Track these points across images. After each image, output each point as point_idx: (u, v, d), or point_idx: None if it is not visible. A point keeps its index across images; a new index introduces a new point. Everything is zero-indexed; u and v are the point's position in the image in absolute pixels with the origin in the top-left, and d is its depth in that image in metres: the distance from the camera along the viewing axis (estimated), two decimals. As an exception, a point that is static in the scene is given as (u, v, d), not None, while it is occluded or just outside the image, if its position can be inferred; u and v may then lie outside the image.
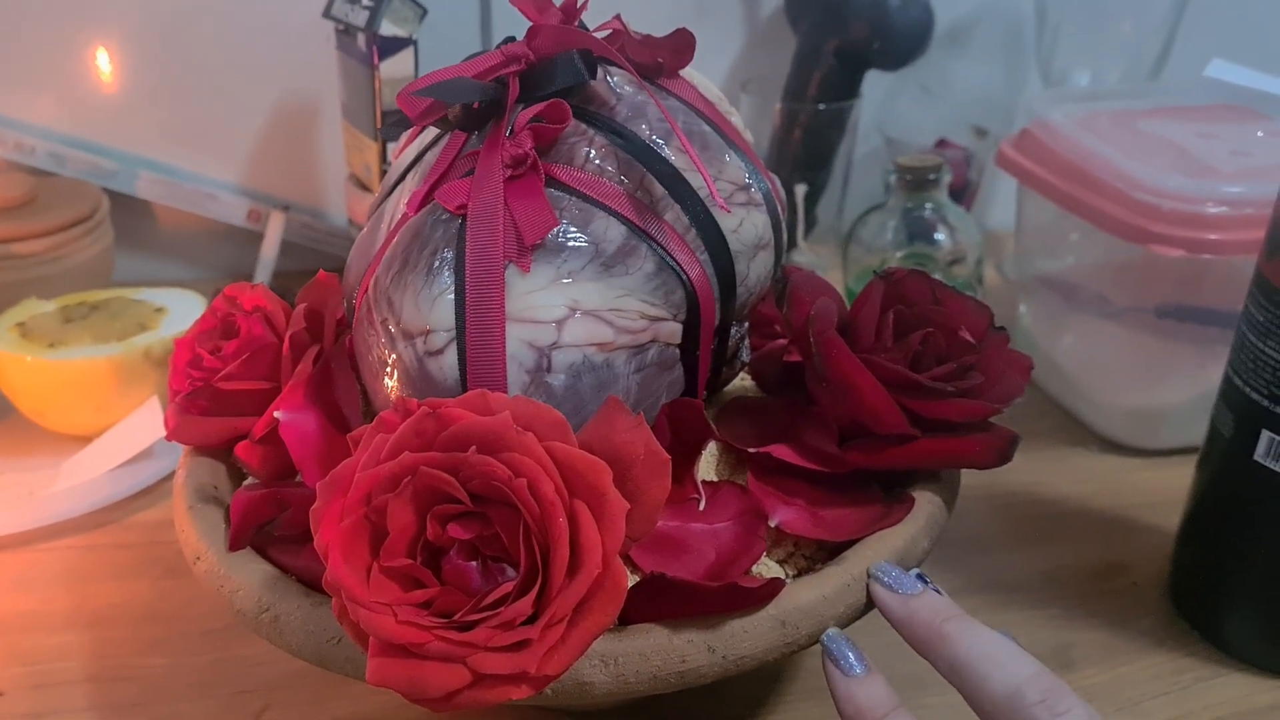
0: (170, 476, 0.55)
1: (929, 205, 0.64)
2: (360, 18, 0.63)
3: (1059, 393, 0.62)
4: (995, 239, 0.80)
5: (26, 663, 0.44)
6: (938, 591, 0.33)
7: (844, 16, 0.71)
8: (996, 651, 0.31)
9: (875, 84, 0.76)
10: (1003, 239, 0.79)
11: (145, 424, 0.54)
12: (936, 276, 0.63)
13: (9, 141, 0.70)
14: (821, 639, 0.33)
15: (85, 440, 0.55)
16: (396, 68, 0.63)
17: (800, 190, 0.73)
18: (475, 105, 0.36)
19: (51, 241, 0.64)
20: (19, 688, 0.42)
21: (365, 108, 0.65)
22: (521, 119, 0.35)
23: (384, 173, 0.66)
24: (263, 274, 0.72)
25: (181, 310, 0.59)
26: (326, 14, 0.66)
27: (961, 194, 0.78)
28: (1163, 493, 0.53)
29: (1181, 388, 0.56)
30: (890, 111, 0.81)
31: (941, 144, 0.79)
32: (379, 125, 0.64)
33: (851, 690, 0.31)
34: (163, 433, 0.48)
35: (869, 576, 0.34)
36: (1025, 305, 0.65)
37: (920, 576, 0.34)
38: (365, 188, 0.68)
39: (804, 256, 0.75)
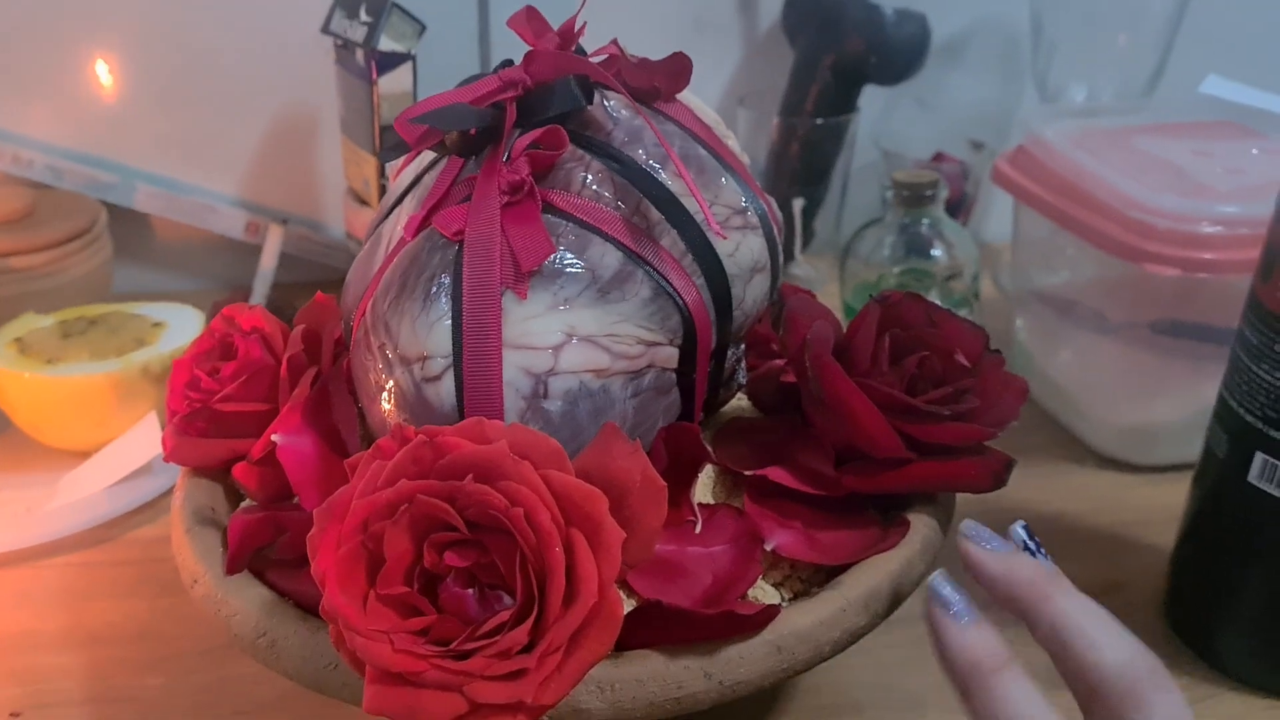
0: (168, 493, 0.55)
1: (926, 221, 0.64)
2: (359, 33, 0.63)
3: (1054, 408, 0.62)
4: (992, 251, 0.80)
5: (25, 683, 0.44)
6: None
7: (841, 32, 0.71)
8: (1104, 619, 0.30)
9: (872, 98, 0.77)
10: (999, 250, 0.80)
11: (143, 440, 0.54)
12: (933, 292, 0.64)
13: (7, 155, 0.70)
14: (929, 583, 0.31)
15: (83, 456, 0.56)
16: (395, 83, 0.63)
17: (798, 204, 0.74)
18: (472, 131, 0.36)
19: (50, 255, 0.64)
20: (17, 708, 0.42)
21: (364, 122, 0.65)
22: (519, 145, 0.36)
23: (382, 187, 0.66)
24: (261, 287, 0.72)
25: (179, 325, 0.59)
26: (325, 29, 0.66)
27: (958, 207, 0.78)
28: (1158, 509, 0.53)
29: (1177, 404, 0.56)
30: (887, 125, 0.82)
31: (938, 157, 0.79)
32: (377, 140, 0.64)
33: (964, 640, 0.30)
34: (160, 449, 0.48)
35: (959, 535, 0.32)
36: (1021, 320, 0.65)
37: (1029, 534, 0.32)
38: (363, 202, 0.68)
39: (801, 270, 0.76)
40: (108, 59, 0.71)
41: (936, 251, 0.64)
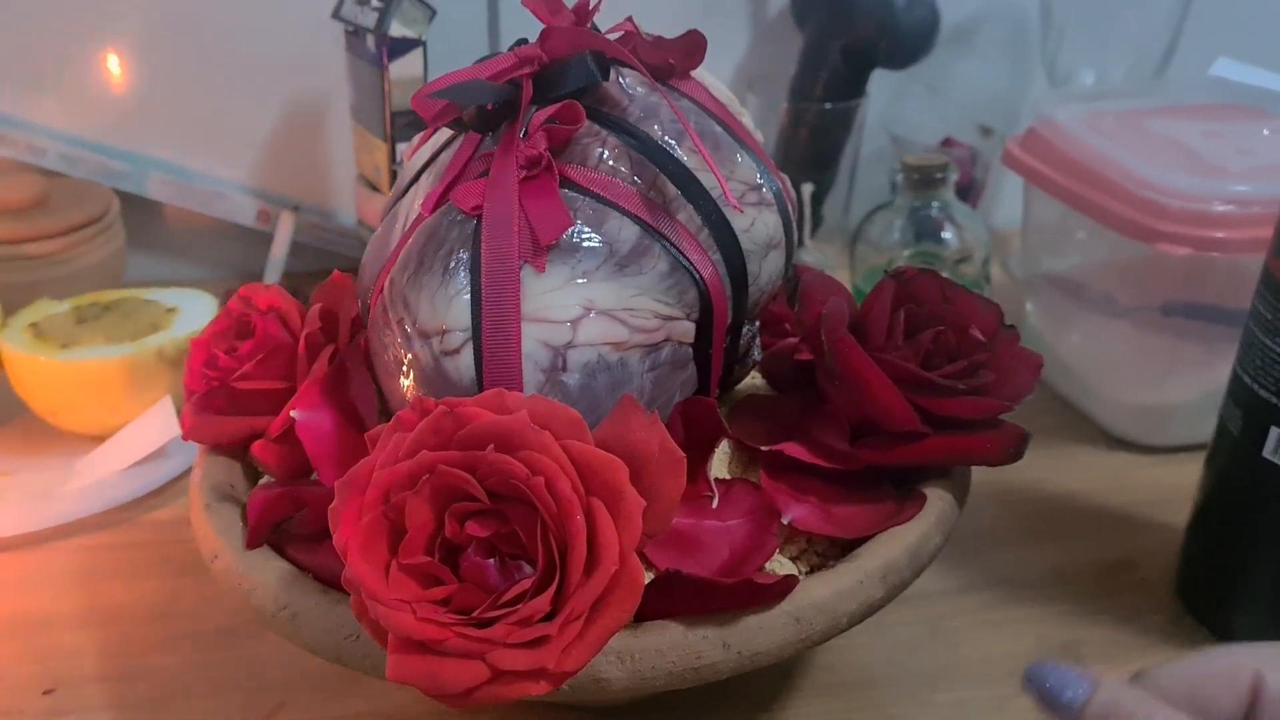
0: (183, 476, 0.55)
1: (936, 204, 0.64)
2: (369, 19, 0.63)
3: (1066, 390, 0.62)
4: (1001, 237, 0.80)
5: (44, 660, 0.44)
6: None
7: (850, 16, 0.71)
8: None
9: (881, 83, 0.77)
10: (1009, 237, 0.80)
11: (158, 424, 0.54)
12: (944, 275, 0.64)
13: (21, 143, 0.70)
14: (1027, 677, 0.26)
15: (98, 440, 0.56)
16: (406, 69, 0.64)
17: (807, 189, 0.74)
18: (489, 107, 0.36)
19: (63, 242, 0.65)
20: (34, 687, 0.43)
21: (375, 109, 0.65)
22: (535, 120, 0.36)
23: (393, 173, 0.66)
24: (273, 274, 0.72)
25: (193, 310, 0.59)
26: (336, 15, 0.66)
27: (967, 192, 0.78)
28: (1170, 489, 0.53)
29: (1188, 385, 0.56)
30: (896, 110, 0.82)
31: (947, 143, 0.79)
32: (388, 126, 0.64)
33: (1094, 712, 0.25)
34: (175, 432, 0.48)
35: (1027, 681, 0.26)
36: (1032, 303, 0.65)
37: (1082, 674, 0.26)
38: (375, 188, 0.68)
39: (811, 255, 0.76)
40: (119, 48, 0.71)
41: (947, 235, 0.64)
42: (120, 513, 0.53)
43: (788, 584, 0.32)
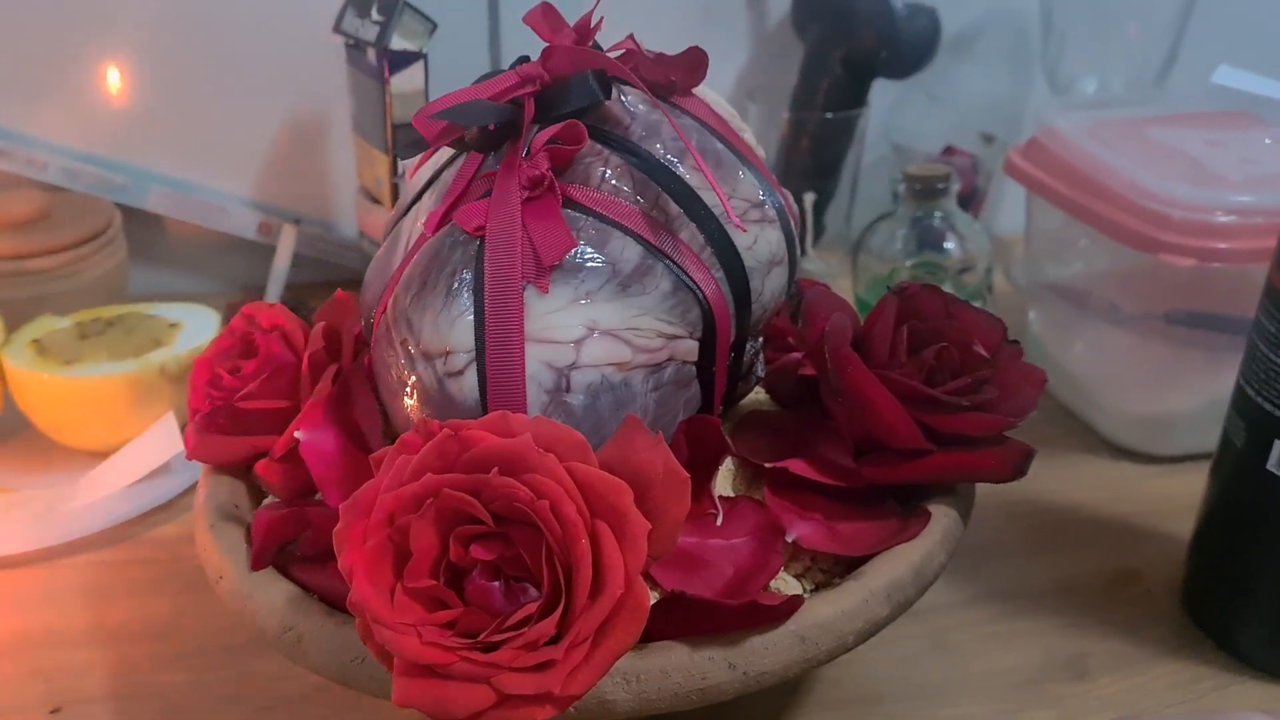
0: (187, 492, 0.55)
1: (938, 214, 0.64)
2: (370, 32, 0.63)
3: (1069, 399, 0.62)
4: (1004, 244, 0.80)
5: (51, 679, 0.44)
6: None
7: (851, 26, 0.71)
8: None
9: (883, 92, 0.77)
10: (1011, 244, 0.80)
11: (162, 440, 0.54)
12: (946, 285, 0.64)
13: (21, 158, 0.70)
14: None
15: (102, 456, 0.56)
16: (406, 82, 0.64)
17: (809, 199, 0.74)
18: (491, 127, 0.36)
19: (65, 257, 0.65)
20: (40, 706, 0.43)
21: (376, 121, 0.65)
22: (538, 140, 0.36)
23: (395, 186, 0.66)
24: (274, 287, 0.72)
25: (195, 325, 0.59)
26: (337, 28, 0.66)
27: (969, 200, 0.78)
28: (1175, 499, 0.53)
29: (1192, 394, 0.56)
30: (898, 119, 0.82)
31: (949, 151, 0.79)
32: (390, 138, 0.64)
33: None
34: (179, 448, 0.48)
35: None
36: (1035, 312, 0.65)
37: None
38: (376, 201, 0.68)
39: (813, 265, 0.76)
40: (119, 61, 0.71)
41: (949, 245, 0.64)
42: (125, 529, 0.53)
43: (793, 604, 0.32)
